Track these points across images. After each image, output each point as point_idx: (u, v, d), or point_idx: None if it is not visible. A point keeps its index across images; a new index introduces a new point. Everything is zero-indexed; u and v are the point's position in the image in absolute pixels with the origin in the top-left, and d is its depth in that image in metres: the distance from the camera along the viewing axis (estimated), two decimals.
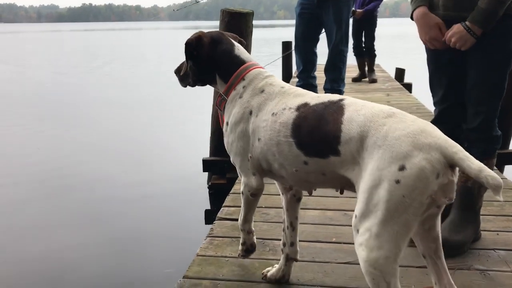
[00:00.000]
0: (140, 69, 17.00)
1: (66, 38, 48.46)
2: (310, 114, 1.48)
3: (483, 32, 1.92)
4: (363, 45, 7.25)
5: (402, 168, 1.24)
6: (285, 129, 1.52)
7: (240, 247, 1.88)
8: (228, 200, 2.68)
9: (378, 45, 7.34)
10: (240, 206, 2.55)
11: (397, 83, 7.50)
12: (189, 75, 1.76)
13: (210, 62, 1.71)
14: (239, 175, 1.74)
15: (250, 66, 1.69)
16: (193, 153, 5.37)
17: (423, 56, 2.25)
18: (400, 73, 8.23)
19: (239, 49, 1.73)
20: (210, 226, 2.39)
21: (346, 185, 1.49)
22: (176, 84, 1.86)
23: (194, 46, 1.69)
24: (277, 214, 2.46)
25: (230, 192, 2.81)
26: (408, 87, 7.56)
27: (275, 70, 8.94)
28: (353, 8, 6.79)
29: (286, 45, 8.73)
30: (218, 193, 4.02)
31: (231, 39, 1.76)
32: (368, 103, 1.46)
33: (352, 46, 7.28)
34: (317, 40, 4.58)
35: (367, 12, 6.82)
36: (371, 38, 7.12)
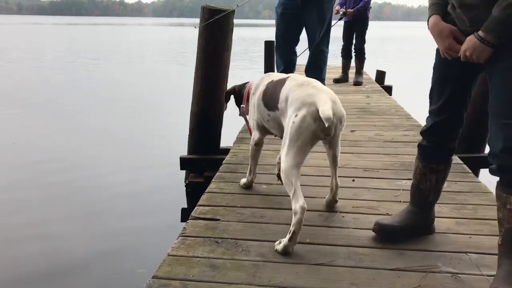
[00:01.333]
0: (123, 65, 16.80)
1: (48, 31, 47.60)
2: (271, 86, 2.43)
3: (499, 42, 1.72)
4: (353, 47, 7.24)
5: (296, 115, 2.08)
6: (260, 96, 2.50)
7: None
8: (203, 199, 2.64)
9: None
10: (215, 206, 2.55)
11: (377, 85, 7.53)
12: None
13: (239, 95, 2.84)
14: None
15: (252, 82, 2.74)
16: (171, 150, 5.31)
17: (404, 59, 2.24)
18: (380, 76, 8.28)
19: (246, 83, 2.82)
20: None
21: None
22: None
23: (230, 92, 2.89)
24: (252, 214, 2.44)
25: (206, 191, 2.76)
26: (388, 89, 7.61)
27: (258, 69, 8.91)
28: (343, 10, 6.79)
29: (268, 45, 8.69)
30: (195, 192, 3.97)
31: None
32: (299, 77, 2.32)
33: (341, 47, 7.28)
34: (297, 40, 4.58)
35: (358, 11, 6.81)
36: (362, 40, 7.11)
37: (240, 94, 2.80)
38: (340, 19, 6.91)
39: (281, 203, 2.55)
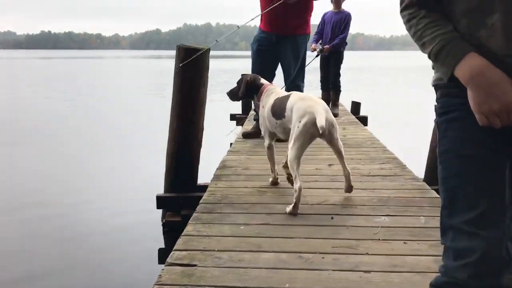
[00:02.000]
0: (99, 100, 16.70)
1: (25, 66, 47.22)
2: (278, 100, 3.18)
3: None
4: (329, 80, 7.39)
5: (299, 121, 2.86)
6: (269, 109, 3.24)
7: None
8: (179, 243, 2.56)
9: None
10: (192, 250, 2.48)
11: (353, 116, 7.63)
12: (237, 94, 3.51)
13: (252, 87, 3.46)
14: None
15: (267, 86, 3.43)
16: (148, 188, 5.21)
17: (378, 89, 2.25)
18: (356, 107, 8.41)
19: (261, 79, 3.50)
20: (163, 267, 2.27)
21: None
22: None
23: (244, 80, 3.48)
24: (230, 258, 2.37)
25: (182, 234, 2.69)
26: (364, 120, 7.71)
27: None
28: (321, 47, 6.96)
29: None
30: (172, 231, 3.89)
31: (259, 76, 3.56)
32: (299, 94, 3.18)
33: (320, 79, 7.41)
34: (273, 75, 4.66)
35: (334, 47, 6.98)
36: (337, 73, 7.29)
37: (255, 84, 3.43)
38: (317, 56, 7.09)
39: (259, 245, 2.50)
